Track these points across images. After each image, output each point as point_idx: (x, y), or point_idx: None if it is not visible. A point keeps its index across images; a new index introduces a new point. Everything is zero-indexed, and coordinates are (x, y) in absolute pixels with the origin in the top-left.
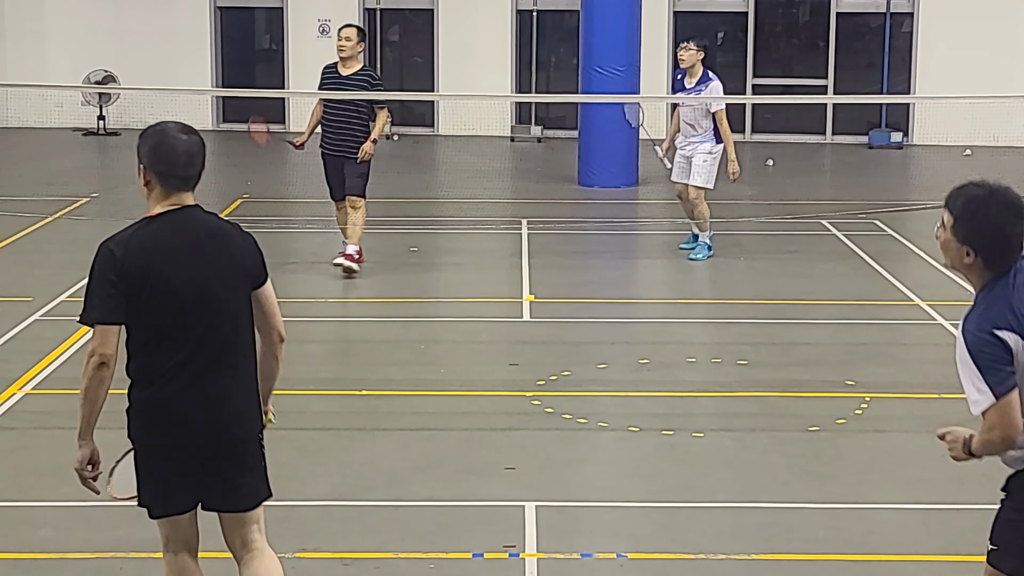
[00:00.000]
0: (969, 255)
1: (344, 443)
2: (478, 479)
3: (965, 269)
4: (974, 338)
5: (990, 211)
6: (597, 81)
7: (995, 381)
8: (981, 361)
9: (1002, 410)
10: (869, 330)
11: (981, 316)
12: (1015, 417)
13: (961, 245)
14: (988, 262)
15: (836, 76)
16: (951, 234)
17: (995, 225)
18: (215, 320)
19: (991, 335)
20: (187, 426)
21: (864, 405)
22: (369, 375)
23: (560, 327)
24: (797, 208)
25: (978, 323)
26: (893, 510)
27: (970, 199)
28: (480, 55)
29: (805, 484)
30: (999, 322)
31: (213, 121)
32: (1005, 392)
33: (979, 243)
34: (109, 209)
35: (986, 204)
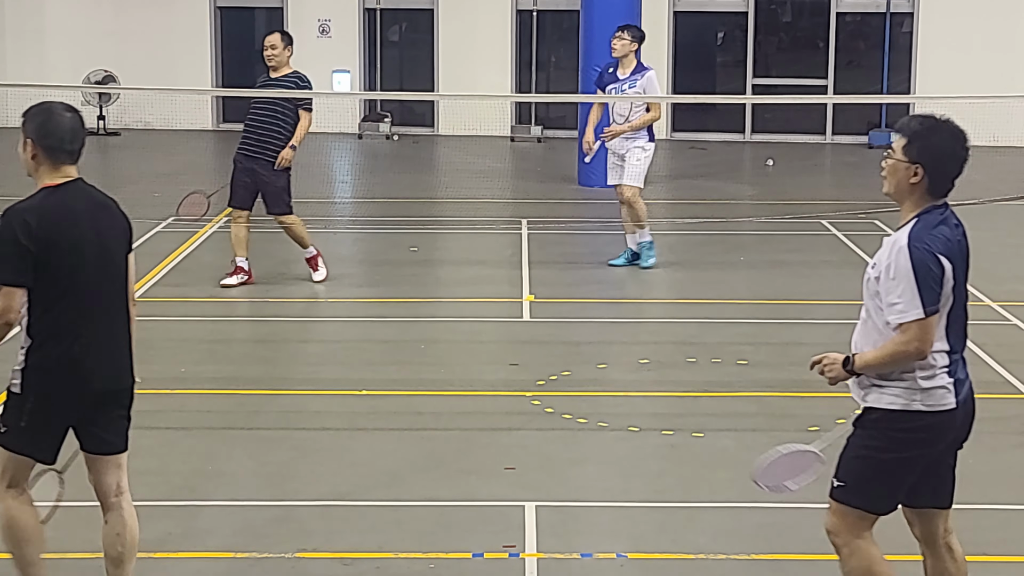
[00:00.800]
0: (917, 175)
1: (344, 443)
2: (478, 479)
3: (908, 190)
4: (921, 254)
5: (942, 132)
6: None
7: (930, 299)
8: (922, 277)
9: (926, 326)
10: None
11: (929, 234)
12: (932, 335)
13: (911, 164)
14: (932, 184)
15: (836, 76)
16: (902, 154)
17: (945, 145)
18: (114, 280)
19: (936, 257)
20: (92, 377)
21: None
22: (369, 375)
23: (560, 327)
24: (797, 208)
25: (926, 242)
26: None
27: (924, 120)
28: (480, 55)
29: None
30: (941, 247)
31: (213, 121)
32: (934, 312)
33: (929, 161)
34: None
35: (939, 126)
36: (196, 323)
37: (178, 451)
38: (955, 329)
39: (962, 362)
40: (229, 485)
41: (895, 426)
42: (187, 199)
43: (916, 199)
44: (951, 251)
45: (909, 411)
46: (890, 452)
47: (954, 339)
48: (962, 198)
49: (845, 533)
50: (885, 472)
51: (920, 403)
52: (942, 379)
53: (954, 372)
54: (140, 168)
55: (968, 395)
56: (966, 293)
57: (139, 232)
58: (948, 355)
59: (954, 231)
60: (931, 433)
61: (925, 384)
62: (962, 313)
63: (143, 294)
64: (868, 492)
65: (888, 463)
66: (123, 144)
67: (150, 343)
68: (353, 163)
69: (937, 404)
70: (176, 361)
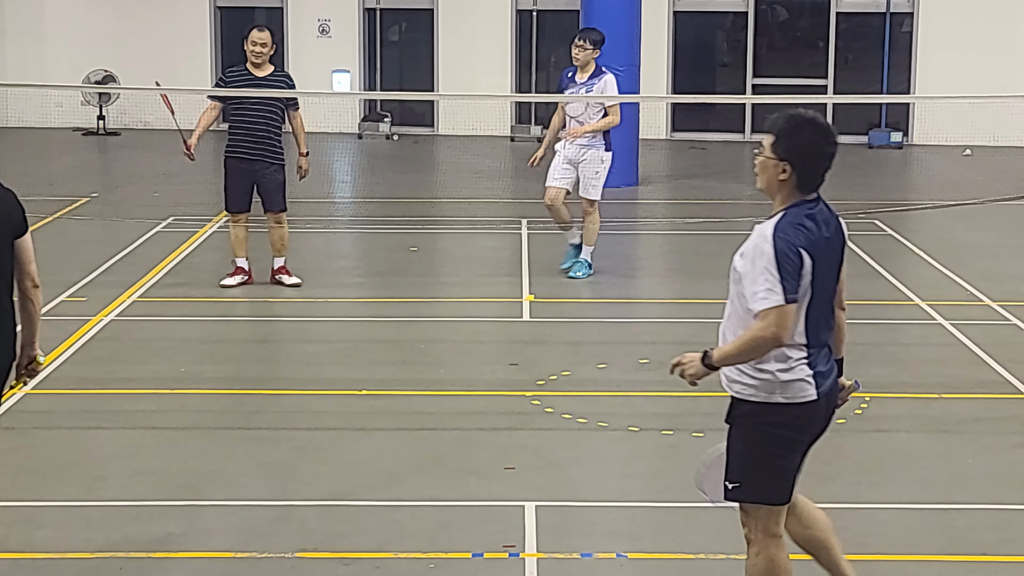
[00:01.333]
0: (785, 171)
1: (344, 443)
2: (478, 479)
3: (777, 186)
4: (784, 244)
5: (808, 129)
6: None
7: (790, 288)
8: (784, 266)
9: (785, 313)
10: (869, 330)
11: (794, 228)
12: (791, 322)
13: (779, 161)
14: (800, 179)
15: (836, 76)
16: (770, 152)
17: (813, 142)
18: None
19: (797, 250)
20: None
21: (864, 405)
22: (369, 375)
23: (560, 327)
24: None
25: (789, 233)
26: (893, 510)
27: (791, 118)
28: (480, 55)
29: (805, 484)
30: (803, 241)
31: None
32: (793, 301)
33: (795, 158)
34: (109, 209)
35: (805, 123)
36: (196, 323)
37: (178, 451)
38: (814, 323)
39: (824, 356)
40: (229, 485)
41: (762, 419)
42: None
43: (785, 194)
44: (814, 246)
45: (771, 403)
46: (766, 443)
47: (813, 334)
48: (962, 198)
49: (756, 530)
50: (769, 463)
51: (780, 395)
52: (801, 372)
53: (814, 365)
54: (140, 168)
55: (830, 388)
56: (833, 289)
57: (138, 233)
58: (806, 348)
59: (822, 227)
60: (797, 423)
61: (784, 377)
62: (826, 309)
63: (141, 294)
64: (761, 486)
65: (769, 455)
66: (123, 144)
67: (150, 343)
68: (353, 163)
69: (797, 396)
70: (176, 361)
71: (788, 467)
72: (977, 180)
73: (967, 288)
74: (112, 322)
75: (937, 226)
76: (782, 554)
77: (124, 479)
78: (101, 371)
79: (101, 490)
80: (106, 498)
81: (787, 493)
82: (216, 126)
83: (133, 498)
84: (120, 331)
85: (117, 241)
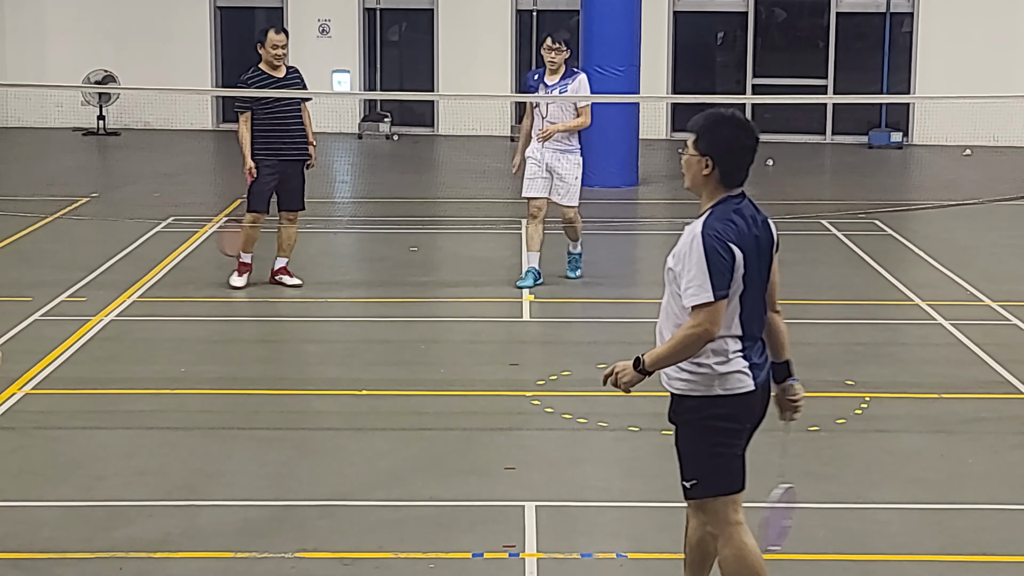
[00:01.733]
0: (708, 167)
1: (344, 443)
2: (478, 479)
3: (702, 182)
4: (712, 242)
5: (727, 125)
6: (597, 81)
7: (720, 284)
8: (713, 263)
9: (715, 309)
10: (869, 330)
11: (723, 223)
12: (721, 317)
13: (702, 157)
14: (723, 175)
15: (836, 76)
16: (693, 149)
17: (732, 136)
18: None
19: (727, 245)
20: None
21: (864, 405)
22: (369, 375)
23: (560, 327)
24: (797, 208)
25: (718, 228)
26: (893, 510)
27: (710, 115)
28: (480, 55)
29: (805, 484)
30: (732, 236)
31: (213, 121)
32: (723, 296)
33: (717, 153)
34: (109, 209)
35: (724, 119)
36: (196, 323)
37: (178, 451)
38: (749, 316)
39: (758, 348)
40: (229, 485)
41: (704, 413)
42: (225, 234)
43: (711, 190)
44: (743, 241)
45: (711, 396)
46: (714, 436)
47: (748, 326)
48: (962, 198)
49: (718, 523)
50: (720, 455)
51: (719, 387)
52: (737, 364)
53: (749, 357)
54: (140, 168)
55: (766, 380)
56: (764, 286)
57: (139, 233)
58: (741, 340)
59: (750, 221)
60: (738, 412)
61: (721, 369)
62: (758, 304)
63: (141, 294)
64: (719, 478)
65: (718, 446)
66: (123, 144)
67: (149, 343)
68: (353, 163)
69: (735, 387)
70: (176, 361)
71: (737, 455)
72: (977, 180)
73: (967, 288)
74: (112, 322)
75: (937, 226)
76: (749, 539)
77: (124, 479)
78: (101, 371)
79: (101, 490)
80: (106, 498)
81: (741, 480)
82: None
83: (133, 498)
84: (120, 331)
85: (117, 241)
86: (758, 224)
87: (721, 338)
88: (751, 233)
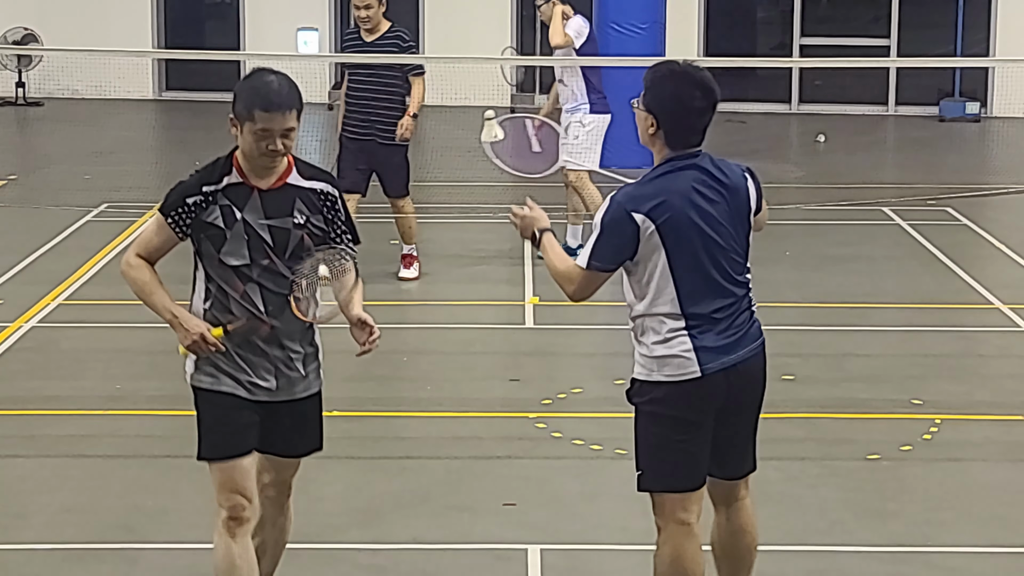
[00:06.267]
0: (652, 125)
1: (311, 474)
2: (472, 517)
3: (649, 142)
4: (614, 210)
5: (675, 80)
6: (614, 41)
7: (600, 255)
8: (603, 232)
9: (585, 277)
10: (940, 338)
11: (639, 190)
12: (587, 287)
13: (647, 115)
14: (667, 136)
15: (900, 35)
16: (641, 104)
17: (675, 95)
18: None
19: (628, 215)
20: None
21: (934, 428)
22: (341, 393)
23: (569, 335)
24: (854, 193)
25: (629, 195)
26: (968, 554)
27: (657, 69)
28: (474, 10)
29: (863, 523)
30: (644, 206)
31: (155, 89)
32: (596, 268)
33: (659, 111)
34: (31, 194)
35: (670, 75)
36: (135, 330)
37: (112, 484)
38: (689, 294)
39: (719, 333)
40: (173, 524)
41: (645, 398)
42: None
43: (658, 149)
44: (668, 208)
45: (651, 381)
46: (660, 426)
47: (690, 303)
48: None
49: (662, 517)
50: (667, 447)
51: (659, 373)
52: (678, 346)
53: (698, 339)
54: (67, 145)
55: (733, 364)
56: (730, 259)
57: (66, 222)
58: (683, 320)
59: (699, 185)
60: (685, 402)
61: (659, 351)
62: (710, 280)
63: (69, 296)
64: (664, 472)
65: (664, 438)
66: (46, 116)
67: (78, 354)
68: (322, 139)
69: (676, 373)
70: (110, 376)
71: (690, 450)
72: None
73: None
74: (33, 329)
75: (1022, 215)
76: (690, 544)
77: (47, 517)
78: (20, 388)
79: (19, 531)
80: (26, 540)
81: (693, 478)
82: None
83: (58, 540)
84: (43, 340)
85: (40, 232)
86: (719, 185)
87: (654, 316)
88: (691, 200)
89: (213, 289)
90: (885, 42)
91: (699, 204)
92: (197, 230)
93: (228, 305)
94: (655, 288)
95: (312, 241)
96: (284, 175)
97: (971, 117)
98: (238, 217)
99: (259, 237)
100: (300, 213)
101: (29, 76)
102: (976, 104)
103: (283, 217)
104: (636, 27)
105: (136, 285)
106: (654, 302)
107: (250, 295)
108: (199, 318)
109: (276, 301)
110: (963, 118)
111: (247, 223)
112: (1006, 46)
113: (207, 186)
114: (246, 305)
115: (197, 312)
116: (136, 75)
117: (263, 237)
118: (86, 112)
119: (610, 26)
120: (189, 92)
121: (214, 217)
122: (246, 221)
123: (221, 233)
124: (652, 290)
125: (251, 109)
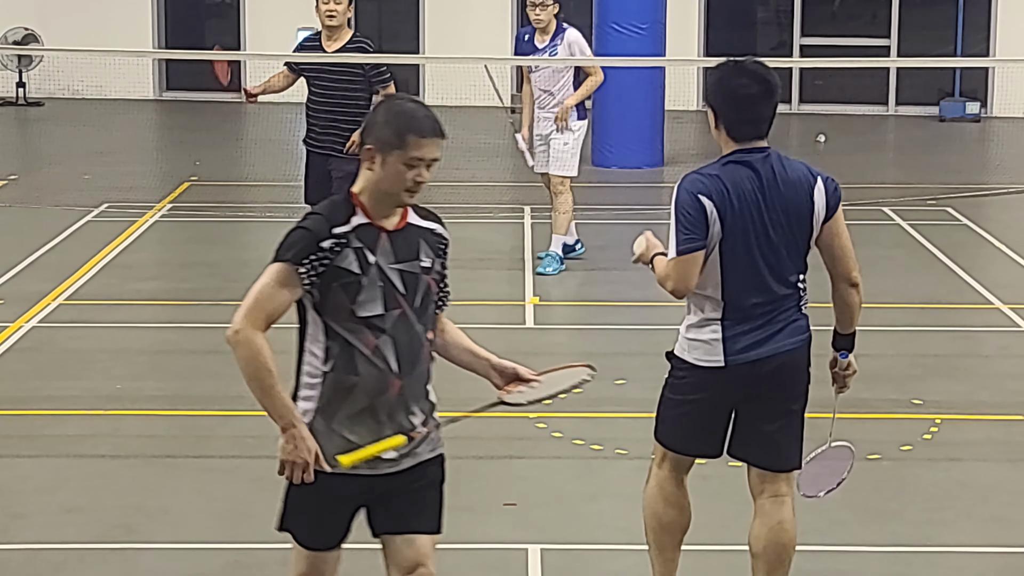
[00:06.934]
0: (714, 118)
1: None
2: (471, 517)
3: (716, 136)
4: (682, 194)
5: (724, 72)
6: (614, 41)
7: (684, 239)
8: (680, 216)
9: (680, 263)
10: (940, 339)
11: (699, 175)
12: (688, 275)
13: (709, 109)
14: (729, 128)
15: (901, 35)
16: (705, 102)
17: (727, 85)
18: None
19: (695, 197)
20: None
21: (934, 428)
22: None
23: (570, 335)
24: (854, 193)
25: (691, 180)
26: (970, 554)
27: (718, 66)
28: (474, 10)
29: (863, 523)
30: (705, 189)
31: (155, 89)
32: (687, 251)
33: (716, 103)
34: (31, 194)
35: (723, 67)
36: (135, 330)
37: (112, 484)
38: (733, 286)
39: (754, 331)
40: (174, 524)
41: (672, 371)
42: None
43: (723, 143)
44: (729, 196)
45: (681, 359)
46: (673, 391)
47: (731, 296)
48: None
49: (656, 460)
50: (671, 408)
51: (688, 354)
52: (710, 333)
53: (730, 331)
54: (67, 145)
55: (755, 360)
56: (778, 257)
57: (66, 222)
58: (722, 310)
59: (756, 182)
60: (698, 385)
61: (692, 334)
62: (758, 276)
63: (69, 296)
64: (660, 424)
65: (672, 401)
66: (46, 116)
67: (78, 354)
68: None
69: (702, 359)
70: (111, 376)
71: (688, 423)
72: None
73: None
74: (34, 329)
75: (1022, 214)
76: (657, 494)
77: (48, 518)
78: (20, 388)
79: (19, 531)
80: (26, 540)
81: (681, 444)
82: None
83: (59, 540)
84: (44, 340)
85: (41, 232)
86: (778, 183)
87: (698, 295)
88: (751, 191)
89: (336, 348)
90: (885, 42)
91: (757, 199)
92: (328, 279)
93: (355, 364)
94: (705, 273)
95: (434, 287)
96: (404, 214)
97: (971, 117)
98: (371, 261)
99: (391, 284)
100: (426, 256)
101: (29, 76)
102: (976, 104)
103: (411, 260)
104: (636, 27)
105: (253, 365)
106: (701, 285)
107: (382, 350)
108: (315, 389)
109: (408, 356)
110: (963, 118)
111: (380, 268)
112: (1006, 46)
113: (337, 227)
114: (376, 362)
115: (312, 382)
116: (136, 75)
117: (394, 283)
118: (86, 112)
119: (610, 26)
120: (189, 92)
121: (348, 262)
122: (379, 266)
123: (356, 280)
124: (702, 274)
125: (403, 135)
